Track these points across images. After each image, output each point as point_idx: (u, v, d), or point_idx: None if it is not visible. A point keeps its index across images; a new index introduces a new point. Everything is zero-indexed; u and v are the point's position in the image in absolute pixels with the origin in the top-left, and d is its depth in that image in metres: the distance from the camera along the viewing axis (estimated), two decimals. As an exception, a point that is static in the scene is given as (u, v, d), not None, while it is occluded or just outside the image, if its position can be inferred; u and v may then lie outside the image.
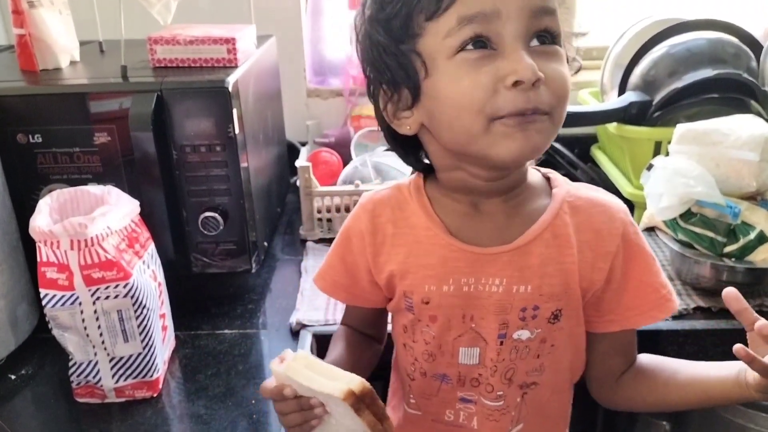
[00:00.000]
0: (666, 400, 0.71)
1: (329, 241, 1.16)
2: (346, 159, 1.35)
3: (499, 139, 0.58)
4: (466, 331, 0.68)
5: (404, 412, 0.78)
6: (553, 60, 0.59)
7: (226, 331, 0.96)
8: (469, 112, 0.58)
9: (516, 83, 0.56)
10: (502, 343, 0.68)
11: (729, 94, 1.13)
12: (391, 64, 0.62)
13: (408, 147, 0.70)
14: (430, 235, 0.68)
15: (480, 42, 0.58)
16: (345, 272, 0.75)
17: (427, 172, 0.72)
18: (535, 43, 0.59)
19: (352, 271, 0.74)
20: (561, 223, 0.67)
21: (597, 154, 1.40)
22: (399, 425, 0.78)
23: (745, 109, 1.13)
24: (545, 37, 0.59)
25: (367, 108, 1.46)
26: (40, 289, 0.75)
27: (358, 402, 0.57)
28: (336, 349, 0.77)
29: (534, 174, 0.72)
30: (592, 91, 1.42)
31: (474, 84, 0.57)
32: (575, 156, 1.37)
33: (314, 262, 1.13)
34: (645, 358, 0.74)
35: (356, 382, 0.58)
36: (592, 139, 1.43)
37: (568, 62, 0.64)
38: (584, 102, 1.40)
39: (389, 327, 0.81)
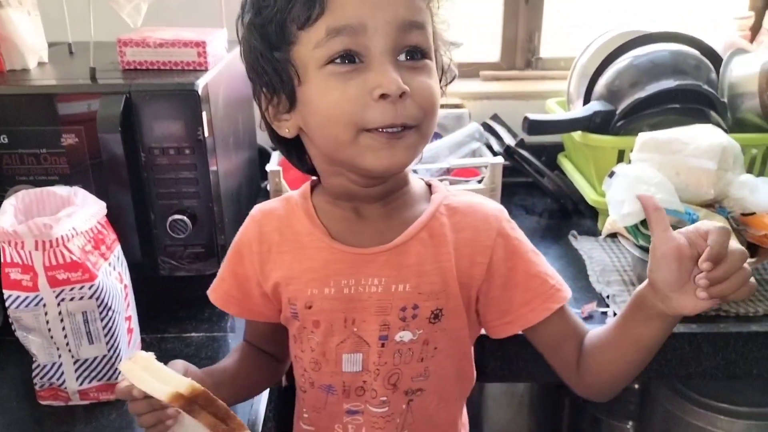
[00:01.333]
0: (618, 363, 0.68)
1: (299, 245, 1.17)
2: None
3: (365, 151, 0.61)
4: (349, 336, 0.69)
5: (300, 427, 0.78)
6: (420, 74, 0.62)
7: (193, 334, 0.96)
8: (337, 123, 0.61)
9: (382, 96, 0.59)
10: (383, 345, 0.68)
11: (690, 105, 1.17)
12: (267, 69, 0.63)
13: (292, 148, 0.72)
14: (312, 239, 0.70)
15: (348, 56, 0.60)
16: (236, 285, 0.75)
17: (312, 173, 0.73)
18: (403, 57, 0.61)
19: (243, 283, 0.74)
20: (437, 224, 0.69)
21: (563, 162, 1.43)
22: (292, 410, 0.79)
23: (705, 119, 1.16)
24: (413, 52, 0.61)
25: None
26: (4, 290, 0.74)
27: (189, 404, 0.58)
28: (226, 359, 0.77)
29: (416, 181, 0.74)
30: (558, 100, 1.45)
31: (342, 96, 0.60)
32: (542, 164, 1.39)
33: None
34: (588, 336, 0.72)
35: (185, 384, 0.59)
36: (559, 148, 1.46)
37: (444, 72, 0.68)
38: (551, 111, 1.43)
39: None
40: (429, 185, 0.74)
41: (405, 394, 0.70)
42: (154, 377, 0.60)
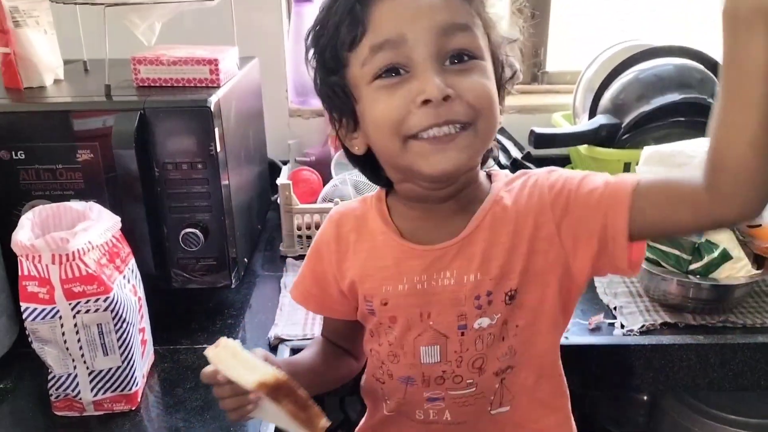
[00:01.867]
0: (746, 128, 0.53)
1: (308, 257, 1.18)
2: (326, 177, 1.37)
3: (417, 158, 0.64)
4: (425, 329, 0.71)
5: (383, 415, 0.80)
6: (470, 75, 0.63)
7: (205, 345, 0.95)
8: (386, 133, 0.64)
9: (425, 102, 0.61)
10: (463, 334, 0.70)
11: (695, 118, 1.18)
12: (330, 94, 0.68)
13: (366, 164, 0.74)
14: (385, 238, 0.72)
15: (393, 68, 0.62)
16: (315, 283, 0.78)
17: (387, 186, 0.76)
18: (449, 62, 0.63)
19: (321, 281, 0.77)
20: (499, 207, 0.70)
21: (570, 174, 1.44)
22: (381, 426, 0.81)
23: (710, 132, 1.17)
24: (460, 55, 0.63)
25: (348, 128, 1.49)
26: (21, 303, 0.76)
27: (273, 392, 0.62)
28: (305, 351, 0.81)
29: (481, 175, 0.75)
30: (564, 114, 1.46)
31: (388, 107, 0.63)
32: (549, 176, 1.40)
33: (294, 278, 1.13)
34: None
35: (270, 374, 0.62)
36: (565, 160, 1.47)
37: (503, 68, 0.69)
38: (558, 124, 1.44)
39: None
40: (489, 175, 0.75)
41: (495, 374, 0.71)
42: (240, 364, 0.63)
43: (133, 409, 0.84)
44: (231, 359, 0.64)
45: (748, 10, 0.51)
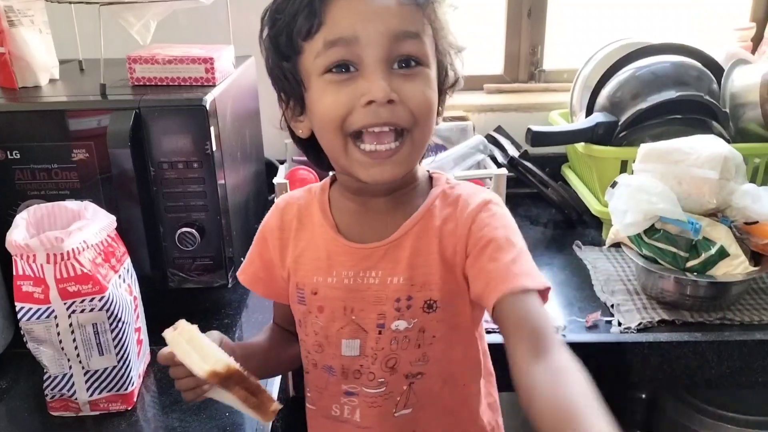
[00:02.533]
0: None
1: (305, 257, 1.18)
2: (323, 176, 1.36)
3: (357, 166, 0.66)
4: (348, 323, 0.73)
5: (307, 408, 0.82)
6: (413, 81, 0.65)
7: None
8: (329, 128, 0.66)
9: (369, 102, 0.63)
10: (380, 332, 0.72)
11: (691, 115, 1.18)
12: (280, 77, 0.69)
13: (309, 147, 0.76)
14: (321, 231, 0.74)
15: (344, 65, 0.64)
16: (263, 267, 0.80)
17: (330, 170, 0.78)
18: (396, 66, 0.64)
19: (268, 266, 0.79)
20: (431, 216, 0.71)
21: (567, 172, 1.44)
22: (307, 419, 0.83)
23: (707, 129, 1.17)
24: (407, 60, 0.65)
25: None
26: (16, 303, 0.76)
27: (225, 381, 0.63)
28: (258, 336, 0.83)
29: (422, 173, 0.76)
30: (561, 112, 1.46)
31: (334, 102, 0.64)
32: (546, 174, 1.40)
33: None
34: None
35: (222, 363, 0.63)
36: (563, 158, 1.47)
37: (446, 74, 0.70)
38: (554, 122, 1.44)
39: None
40: (431, 177, 0.77)
41: (405, 377, 0.73)
42: (195, 350, 0.64)
43: (129, 408, 0.83)
44: (186, 344, 0.65)
45: None
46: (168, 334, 0.66)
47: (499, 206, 0.72)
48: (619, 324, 0.99)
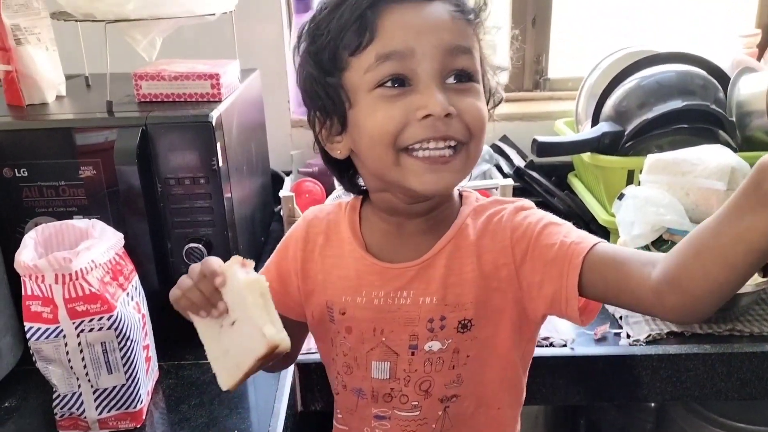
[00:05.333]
0: (717, 268, 0.54)
1: (312, 269, 1.18)
2: (329, 188, 1.37)
3: (410, 175, 0.64)
4: (378, 344, 0.72)
5: (336, 427, 0.81)
6: (468, 95, 0.64)
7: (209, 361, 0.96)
8: (380, 144, 0.64)
9: (426, 116, 0.62)
10: (413, 353, 0.70)
11: (698, 125, 1.18)
12: (321, 93, 0.67)
13: (343, 169, 0.75)
14: (351, 249, 0.73)
15: (397, 79, 0.63)
16: (278, 278, 0.78)
17: (364, 194, 0.76)
18: (451, 80, 0.64)
19: (284, 278, 0.78)
20: (463, 235, 0.70)
21: (573, 182, 1.43)
22: None
23: (714, 138, 1.17)
24: (460, 75, 0.64)
25: (350, 138, 1.49)
26: (25, 323, 0.76)
27: (270, 353, 0.63)
28: None
29: (454, 193, 0.75)
30: (567, 120, 1.46)
31: (387, 117, 0.63)
32: (552, 184, 1.40)
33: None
34: (676, 247, 0.58)
35: (287, 343, 0.63)
36: (569, 167, 1.47)
37: (491, 95, 0.70)
38: (560, 132, 1.44)
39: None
40: (461, 195, 0.76)
41: (440, 401, 0.72)
42: (265, 310, 0.64)
43: (138, 426, 0.83)
44: (259, 297, 0.64)
45: None
46: (240, 271, 0.65)
47: (533, 208, 0.71)
48: (628, 336, 0.98)
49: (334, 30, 0.64)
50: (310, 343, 0.98)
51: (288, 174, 1.42)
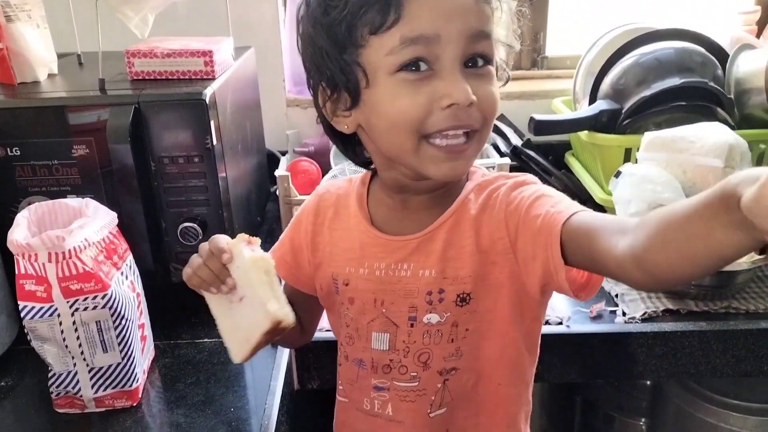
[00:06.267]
0: (684, 259, 0.52)
1: (308, 249, 1.18)
2: (325, 168, 1.36)
3: (427, 162, 0.64)
4: (378, 315, 0.73)
5: (337, 401, 0.82)
6: (485, 81, 0.64)
7: (205, 339, 0.97)
8: (403, 129, 0.63)
9: (450, 105, 0.61)
10: (412, 325, 0.71)
11: (696, 102, 1.17)
12: (332, 67, 0.65)
13: (348, 142, 0.74)
14: (356, 222, 0.75)
15: (420, 63, 0.61)
16: (291, 251, 0.80)
17: (364, 166, 0.77)
18: (469, 64, 0.63)
19: (296, 251, 0.80)
20: (465, 209, 0.70)
21: (570, 160, 1.43)
22: (338, 412, 0.83)
23: (712, 116, 1.16)
24: (479, 59, 0.63)
25: (346, 117, 1.48)
26: (19, 302, 0.75)
27: (275, 328, 0.65)
28: None
29: None
30: (565, 99, 1.45)
31: (411, 103, 0.62)
32: (549, 163, 1.39)
33: (293, 270, 1.14)
34: (655, 213, 0.55)
35: (291, 319, 0.66)
36: (566, 146, 1.46)
37: (497, 72, 0.68)
38: (558, 110, 1.43)
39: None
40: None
41: (439, 374, 0.72)
42: (270, 287, 0.67)
43: (135, 405, 0.83)
44: (264, 275, 0.66)
45: (740, 219, 0.45)
46: (245, 248, 0.67)
47: (535, 182, 0.70)
48: (624, 314, 0.98)
49: (353, 4, 0.61)
50: (306, 322, 0.98)
51: (284, 153, 1.42)
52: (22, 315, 0.76)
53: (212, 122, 0.93)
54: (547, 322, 0.97)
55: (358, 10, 0.61)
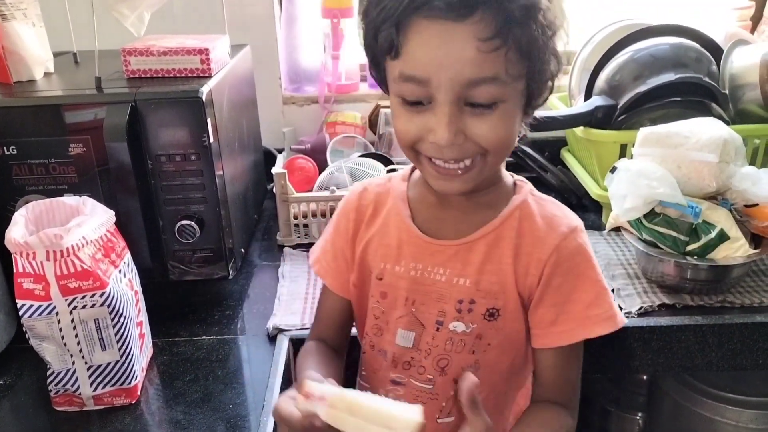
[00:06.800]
0: None
1: (306, 246, 1.18)
2: (322, 165, 1.36)
3: (428, 174, 0.68)
4: (407, 313, 0.74)
5: (357, 383, 0.83)
6: (486, 120, 0.63)
7: (204, 337, 0.97)
8: (401, 143, 0.67)
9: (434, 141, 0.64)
10: (438, 329, 0.73)
11: (691, 97, 1.17)
12: (372, 64, 0.70)
13: None
14: (397, 219, 0.75)
15: (415, 99, 0.64)
16: (334, 257, 0.81)
17: None
18: (471, 105, 0.63)
19: (338, 255, 0.81)
20: (508, 227, 0.72)
21: (566, 156, 1.43)
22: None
23: (707, 111, 1.16)
24: (479, 104, 0.63)
25: (342, 115, 1.48)
26: (17, 300, 0.76)
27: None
28: (309, 364, 0.76)
29: (507, 178, 0.76)
30: (560, 95, 1.45)
31: (405, 128, 0.66)
32: (545, 159, 1.40)
33: (291, 267, 1.14)
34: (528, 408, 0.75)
35: (414, 425, 0.56)
36: (562, 142, 1.47)
37: (534, 97, 0.67)
38: (553, 106, 1.43)
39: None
40: (515, 183, 0.77)
41: (455, 382, 0.73)
42: (367, 421, 0.57)
43: (133, 402, 0.84)
44: (351, 417, 0.57)
45: None
46: (313, 407, 0.58)
47: (584, 236, 0.73)
48: (620, 308, 0.98)
49: (375, 21, 0.63)
50: (303, 319, 0.99)
51: (280, 151, 1.42)
52: (20, 313, 0.76)
53: (209, 120, 0.93)
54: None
55: (378, 28, 0.63)
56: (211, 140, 0.94)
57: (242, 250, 1.14)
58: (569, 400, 0.74)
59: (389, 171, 1.18)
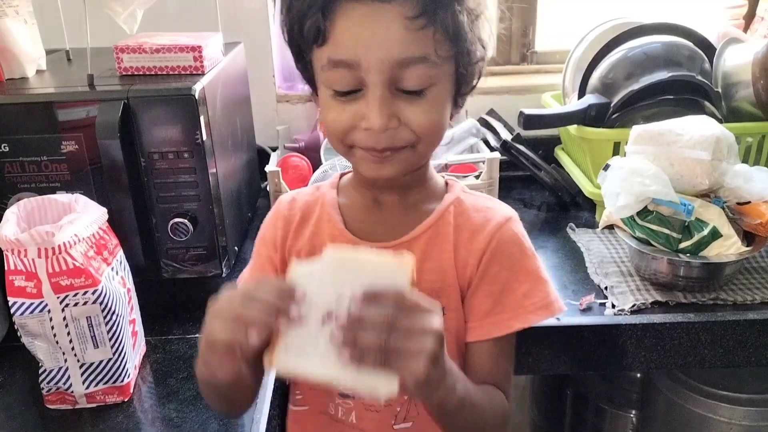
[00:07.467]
0: None
1: (299, 244, 1.18)
2: (316, 163, 1.36)
3: (359, 161, 0.67)
4: None
5: (290, 411, 0.81)
6: (418, 104, 0.63)
7: (197, 335, 0.97)
8: (333, 137, 0.67)
9: (368, 128, 0.63)
10: None
11: (684, 96, 1.18)
12: (298, 63, 0.69)
13: None
14: (329, 225, 0.74)
15: (347, 88, 0.63)
16: (261, 268, 0.78)
17: None
18: (403, 88, 0.62)
19: (266, 264, 0.77)
20: (444, 223, 0.71)
21: (560, 155, 1.44)
22: (289, 426, 0.82)
23: (700, 109, 1.17)
24: (411, 91, 0.63)
25: (336, 113, 1.48)
26: (9, 298, 0.75)
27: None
28: None
29: (436, 177, 0.76)
30: (554, 94, 1.45)
31: (336, 119, 0.65)
32: (539, 157, 1.40)
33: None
34: None
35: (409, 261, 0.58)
36: (556, 141, 1.47)
37: (465, 81, 0.67)
38: (547, 105, 1.44)
39: None
40: (447, 182, 0.76)
41: None
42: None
43: (126, 400, 0.83)
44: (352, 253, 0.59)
45: None
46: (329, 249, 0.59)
47: (519, 225, 0.73)
48: (613, 306, 0.99)
49: (299, 10, 0.63)
50: (297, 317, 0.98)
51: (274, 149, 1.42)
52: (12, 311, 0.75)
53: (202, 118, 0.93)
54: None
55: (302, 17, 0.63)
56: (204, 138, 0.94)
57: (236, 248, 1.14)
58: (505, 390, 0.72)
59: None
